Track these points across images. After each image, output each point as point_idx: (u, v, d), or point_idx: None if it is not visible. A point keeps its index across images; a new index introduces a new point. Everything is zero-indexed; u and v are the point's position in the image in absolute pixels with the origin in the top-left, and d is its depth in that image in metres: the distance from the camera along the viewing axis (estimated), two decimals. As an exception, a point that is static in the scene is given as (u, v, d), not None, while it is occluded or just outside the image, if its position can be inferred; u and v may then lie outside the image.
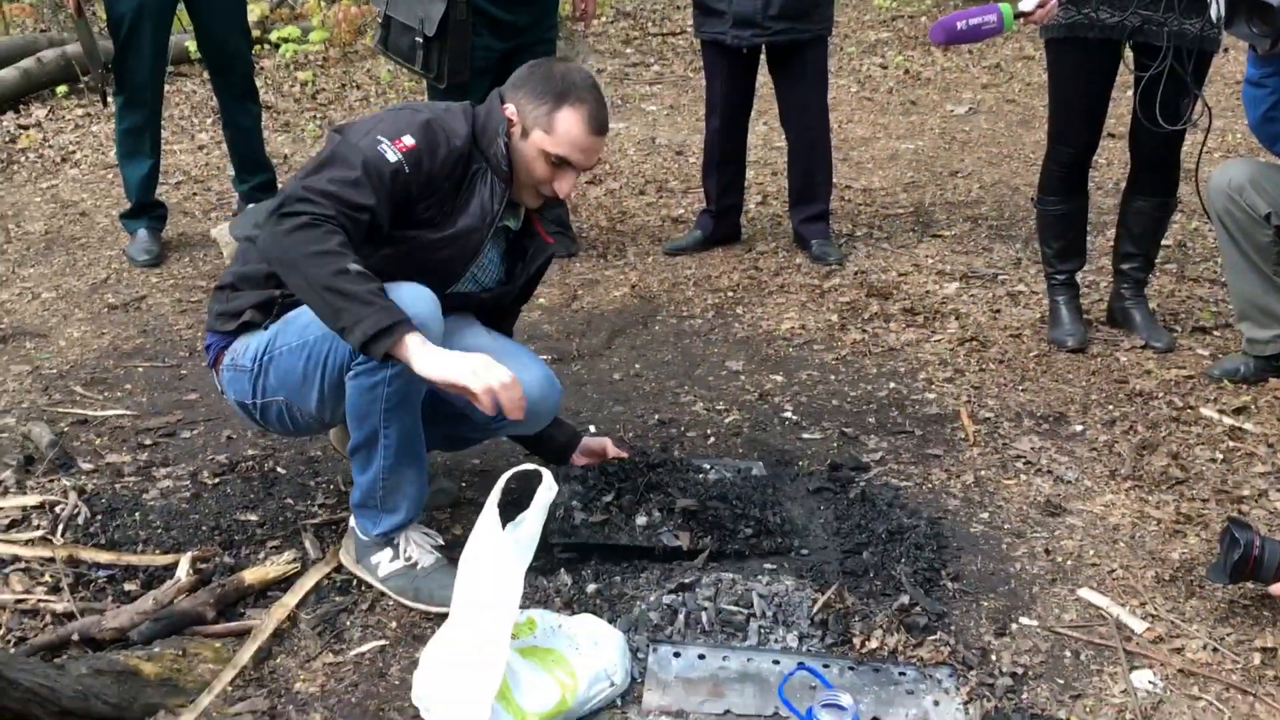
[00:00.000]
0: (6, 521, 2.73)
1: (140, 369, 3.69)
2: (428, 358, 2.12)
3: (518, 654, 2.15)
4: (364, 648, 2.35)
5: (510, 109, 2.40)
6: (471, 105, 2.48)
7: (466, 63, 3.94)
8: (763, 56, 4.51)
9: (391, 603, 2.48)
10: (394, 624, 2.43)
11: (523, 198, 2.50)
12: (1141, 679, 2.25)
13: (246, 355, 2.46)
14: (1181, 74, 3.33)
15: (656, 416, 3.35)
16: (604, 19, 9.49)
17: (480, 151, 2.42)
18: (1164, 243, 4.14)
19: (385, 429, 2.34)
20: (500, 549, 2.09)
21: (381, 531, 2.48)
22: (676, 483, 2.69)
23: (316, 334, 2.32)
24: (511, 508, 2.20)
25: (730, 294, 4.30)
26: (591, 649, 2.19)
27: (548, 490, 2.13)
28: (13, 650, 2.24)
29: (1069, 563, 2.63)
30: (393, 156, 2.27)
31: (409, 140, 2.30)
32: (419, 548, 2.50)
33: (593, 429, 3.26)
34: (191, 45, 7.20)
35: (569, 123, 2.35)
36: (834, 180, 4.87)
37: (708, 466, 2.83)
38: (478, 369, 2.12)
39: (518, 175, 2.44)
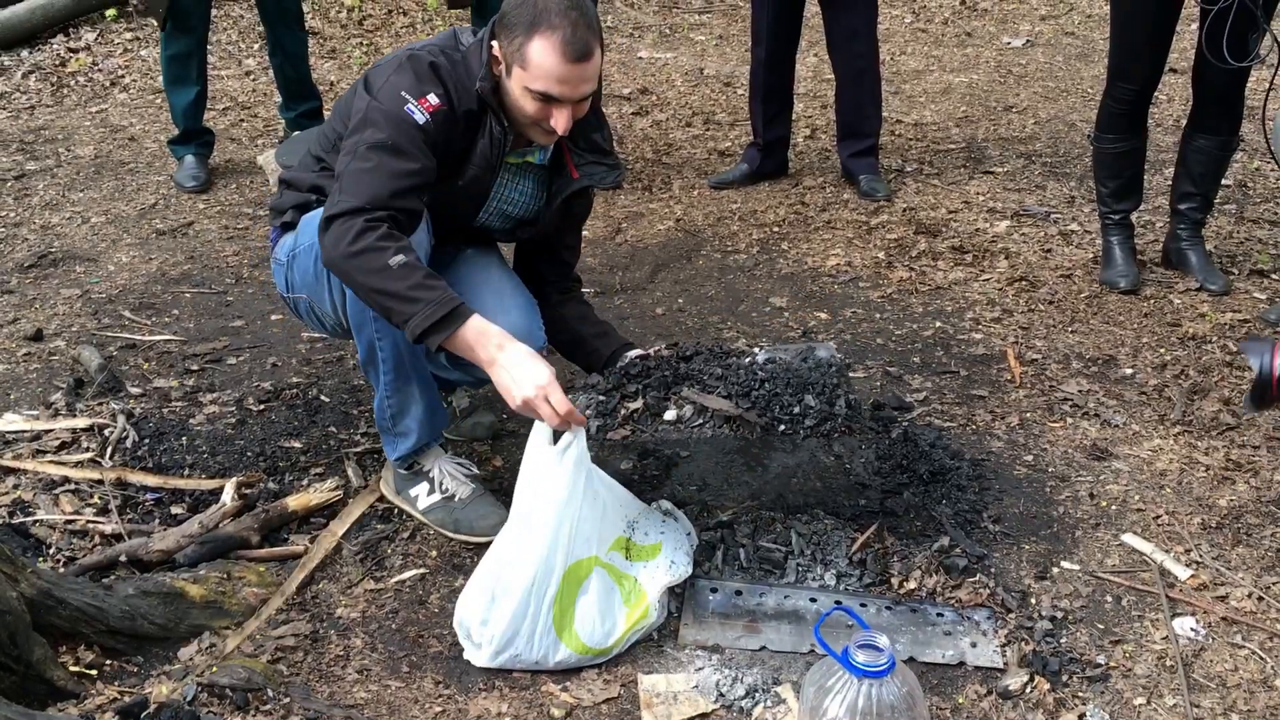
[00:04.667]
0: (57, 443, 2.78)
1: (187, 295, 3.72)
2: (486, 356, 2.11)
3: (597, 575, 2.16)
4: (405, 575, 2.38)
5: (496, 46, 2.24)
6: (474, 34, 2.34)
7: None
8: (813, -16, 4.42)
9: (432, 531, 2.51)
10: (434, 553, 2.45)
11: (532, 135, 2.34)
12: (1184, 626, 2.23)
13: (283, 250, 2.48)
14: (1251, 8, 3.21)
15: (699, 352, 3.33)
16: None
17: (480, 96, 2.30)
18: (1224, 182, 4.03)
19: (379, 339, 2.31)
20: (551, 471, 2.09)
21: (399, 456, 2.49)
22: (712, 373, 2.30)
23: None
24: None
25: (776, 229, 4.25)
26: (667, 570, 2.23)
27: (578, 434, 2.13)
28: (62, 570, 2.30)
29: (1113, 507, 2.60)
30: (420, 118, 2.20)
31: (434, 99, 2.22)
32: (454, 479, 2.52)
33: (634, 363, 3.25)
34: (238, -31, 7.19)
35: (541, 54, 2.15)
36: (884, 114, 4.77)
37: (757, 351, 2.39)
38: (518, 380, 2.10)
39: (512, 115, 2.29)
